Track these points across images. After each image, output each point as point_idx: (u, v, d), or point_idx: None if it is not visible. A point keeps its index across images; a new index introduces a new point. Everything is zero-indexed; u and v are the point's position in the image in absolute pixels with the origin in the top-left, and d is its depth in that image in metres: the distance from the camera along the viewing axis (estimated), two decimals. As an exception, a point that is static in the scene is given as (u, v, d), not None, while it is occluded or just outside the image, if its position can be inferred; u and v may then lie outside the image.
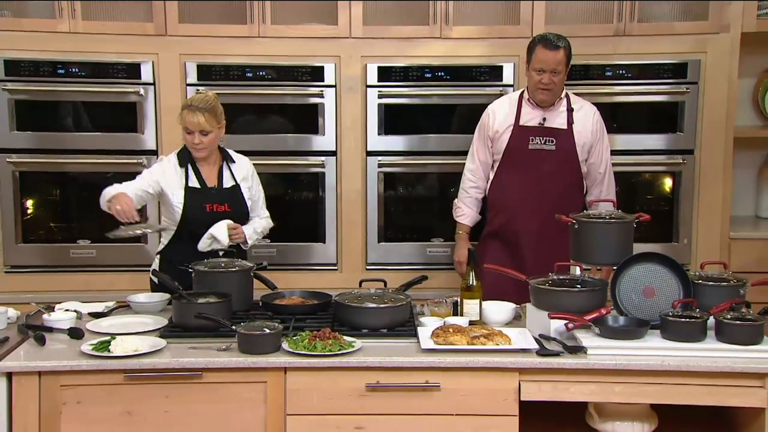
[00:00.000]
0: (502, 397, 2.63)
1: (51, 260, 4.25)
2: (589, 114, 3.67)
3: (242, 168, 3.47)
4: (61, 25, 4.12)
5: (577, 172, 3.64)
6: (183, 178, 3.34)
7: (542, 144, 3.60)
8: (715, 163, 4.26)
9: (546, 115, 3.62)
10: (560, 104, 3.63)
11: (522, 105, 3.65)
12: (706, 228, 4.29)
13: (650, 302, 2.80)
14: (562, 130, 3.61)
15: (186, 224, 3.33)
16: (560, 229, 3.37)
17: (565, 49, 3.51)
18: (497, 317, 2.97)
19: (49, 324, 2.91)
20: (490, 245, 3.73)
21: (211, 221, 3.29)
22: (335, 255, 4.32)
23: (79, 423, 2.63)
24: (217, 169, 3.42)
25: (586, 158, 3.66)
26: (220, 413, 2.66)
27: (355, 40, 4.20)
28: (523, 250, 3.63)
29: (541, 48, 3.51)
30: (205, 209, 3.32)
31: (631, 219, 2.97)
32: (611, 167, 3.73)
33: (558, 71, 3.51)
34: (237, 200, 3.41)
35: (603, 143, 3.69)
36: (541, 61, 3.51)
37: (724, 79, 4.21)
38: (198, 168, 3.38)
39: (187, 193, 3.33)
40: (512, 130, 3.63)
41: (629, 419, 2.70)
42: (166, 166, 3.38)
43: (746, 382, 2.59)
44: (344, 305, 2.92)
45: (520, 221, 3.63)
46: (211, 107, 3.30)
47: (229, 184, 3.41)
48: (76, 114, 4.24)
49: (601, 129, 3.69)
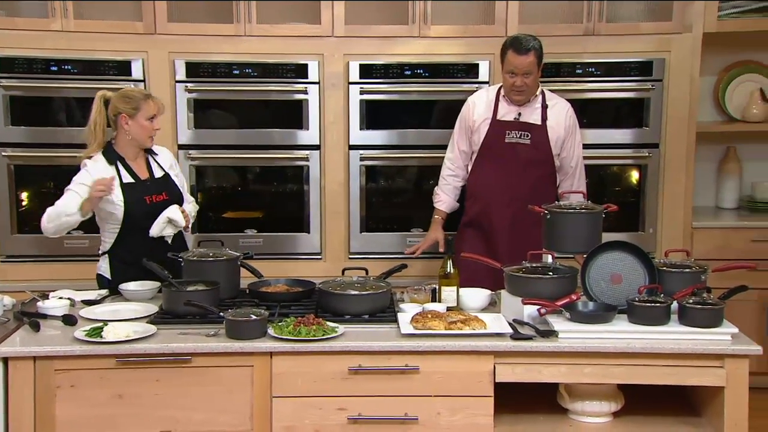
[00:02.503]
0: (477, 379, 2.63)
1: (45, 250, 4.20)
2: (563, 110, 3.66)
3: (166, 158, 3.41)
4: (54, 24, 4.07)
5: (550, 165, 3.65)
6: (115, 175, 3.21)
7: (518, 138, 3.60)
8: (678, 157, 4.28)
9: (521, 110, 3.62)
10: (535, 101, 3.62)
11: (499, 100, 3.64)
12: (670, 218, 4.31)
13: (618, 288, 2.81)
14: (537, 125, 3.61)
15: (130, 219, 3.23)
16: (533, 219, 3.38)
17: (534, 51, 3.49)
18: (473, 303, 2.97)
19: (44, 311, 2.89)
20: (466, 233, 3.73)
21: (152, 212, 3.24)
22: (319, 244, 4.30)
23: (73, 405, 2.61)
24: (144, 161, 3.34)
25: (559, 152, 3.66)
26: (209, 396, 2.64)
27: (338, 38, 4.18)
28: (497, 238, 3.63)
29: (511, 53, 3.49)
30: (146, 202, 3.24)
31: (600, 209, 2.98)
32: (582, 161, 3.74)
33: (529, 73, 3.50)
34: (171, 188, 3.35)
35: (575, 138, 3.69)
36: (512, 65, 3.49)
37: (687, 77, 4.23)
38: (127, 163, 3.28)
39: (125, 189, 3.22)
40: (490, 123, 3.63)
41: (597, 399, 2.72)
42: (97, 168, 3.21)
43: (707, 362, 2.61)
44: (327, 292, 2.91)
45: (494, 211, 3.63)
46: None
47: (159, 174, 3.35)
48: (68, 109, 4.20)
49: (574, 125, 3.69)
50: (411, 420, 2.64)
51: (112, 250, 3.32)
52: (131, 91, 3.31)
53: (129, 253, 3.22)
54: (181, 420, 2.64)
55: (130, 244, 3.26)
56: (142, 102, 3.23)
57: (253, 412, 2.64)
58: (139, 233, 3.24)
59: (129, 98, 3.25)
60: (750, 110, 4.56)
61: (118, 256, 3.30)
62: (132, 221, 3.24)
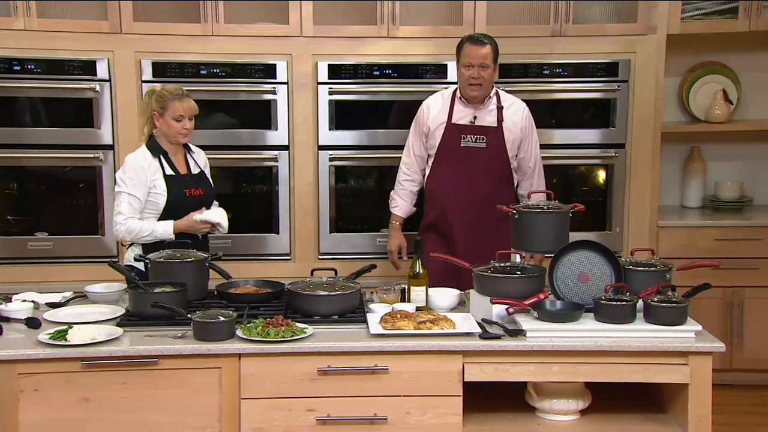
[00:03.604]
0: (446, 378, 2.64)
1: (9, 252, 4.13)
2: (519, 111, 3.65)
3: (201, 157, 3.51)
4: (17, 23, 4.00)
5: (506, 167, 3.63)
6: (159, 167, 3.32)
7: (473, 142, 3.58)
8: (644, 157, 4.33)
9: (476, 113, 3.59)
10: (490, 102, 3.60)
11: (455, 103, 3.62)
12: (636, 217, 4.36)
13: (585, 287, 2.84)
14: (492, 128, 3.59)
15: (170, 210, 3.33)
16: (492, 222, 3.41)
17: (491, 45, 3.50)
18: (442, 303, 2.97)
19: (6, 314, 2.84)
20: (426, 237, 3.68)
21: (190, 205, 3.33)
22: (288, 245, 4.29)
23: (37, 410, 2.57)
24: (183, 157, 3.42)
25: (517, 153, 3.65)
26: (177, 398, 2.62)
27: (306, 38, 4.16)
28: (456, 241, 3.61)
29: (468, 44, 3.50)
30: (185, 194, 3.34)
31: (567, 209, 3.00)
32: (541, 160, 3.74)
33: (486, 65, 3.49)
34: (206, 185, 3.46)
35: (532, 138, 3.67)
36: (468, 56, 3.49)
37: (652, 78, 4.28)
38: (169, 157, 3.36)
39: (168, 180, 3.32)
40: (445, 127, 3.61)
41: (565, 397, 2.74)
42: (141, 160, 3.31)
43: (671, 360, 2.65)
44: (297, 293, 2.90)
45: (453, 214, 3.61)
46: (189, 94, 3.35)
47: (196, 171, 3.44)
48: (33, 110, 4.13)
49: (530, 125, 3.67)
50: (380, 420, 2.64)
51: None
52: (165, 90, 3.34)
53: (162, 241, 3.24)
54: (148, 423, 2.61)
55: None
56: (169, 102, 3.29)
57: (221, 414, 2.62)
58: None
59: (160, 97, 3.30)
60: (713, 111, 4.62)
61: (151, 243, 3.29)
62: (171, 210, 3.32)
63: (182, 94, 3.33)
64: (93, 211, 4.14)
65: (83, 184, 4.18)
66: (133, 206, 3.27)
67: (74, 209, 4.20)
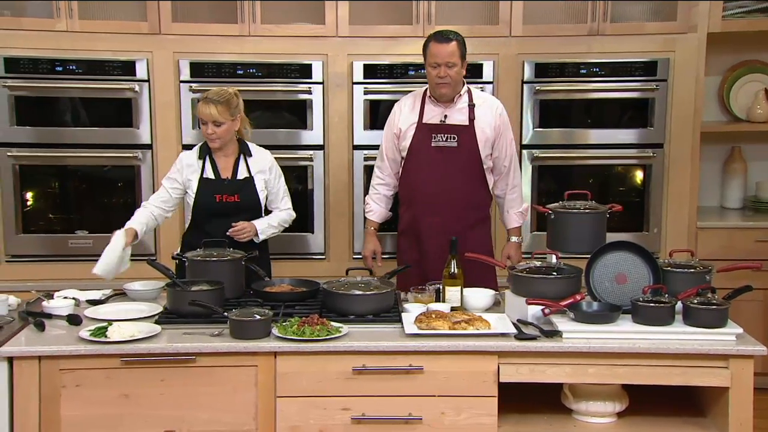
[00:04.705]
0: (481, 379, 2.63)
1: (50, 250, 4.21)
2: (491, 109, 3.51)
3: (260, 161, 3.44)
4: (59, 24, 4.08)
5: (479, 168, 3.49)
6: (200, 169, 3.37)
7: (444, 141, 3.46)
8: (683, 157, 4.27)
9: (447, 112, 3.49)
10: (460, 100, 3.49)
11: (425, 103, 3.52)
12: (674, 218, 4.31)
13: (622, 288, 2.81)
14: (464, 126, 3.48)
15: (197, 212, 3.39)
16: (465, 225, 3.37)
17: (457, 41, 3.38)
18: (477, 303, 2.97)
19: (48, 311, 2.89)
20: (402, 241, 3.63)
21: (219, 210, 3.34)
22: (323, 245, 4.31)
23: (78, 405, 2.62)
24: (233, 161, 3.41)
25: (490, 152, 3.52)
26: (214, 396, 2.65)
27: (342, 39, 4.18)
28: (426, 244, 3.50)
29: (433, 43, 3.40)
30: (215, 199, 3.35)
31: (604, 210, 2.98)
32: (516, 159, 3.62)
33: (452, 63, 3.36)
34: (249, 192, 3.40)
35: (507, 137, 3.53)
36: (434, 55, 3.38)
37: (692, 77, 4.22)
38: (214, 159, 3.39)
39: (201, 183, 3.36)
40: (416, 127, 3.51)
41: (602, 399, 2.72)
42: (186, 158, 3.42)
43: (712, 363, 2.61)
44: (332, 293, 2.91)
45: (425, 217, 3.51)
46: (225, 100, 3.31)
47: (243, 176, 3.41)
48: (74, 109, 4.20)
49: (504, 123, 3.52)
50: (415, 420, 2.64)
51: (185, 236, 3.48)
52: (206, 93, 3.37)
53: (197, 240, 3.26)
54: (185, 419, 2.65)
55: (196, 235, 3.35)
56: (198, 104, 3.36)
57: (257, 412, 2.65)
58: (203, 226, 3.36)
59: (200, 100, 3.35)
60: (755, 110, 4.55)
61: (189, 242, 3.37)
62: (199, 214, 3.38)
63: (207, 98, 3.30)
64: (132, 209, 4.15)
65: (122, 183, 4.25)
66: (159, 195, 3.40)
67: (113, 208, 4.26)
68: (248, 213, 3.39)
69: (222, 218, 3.33)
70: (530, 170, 4.27)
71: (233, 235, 3.30)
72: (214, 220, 3.34)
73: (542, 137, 4.28)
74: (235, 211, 3.36)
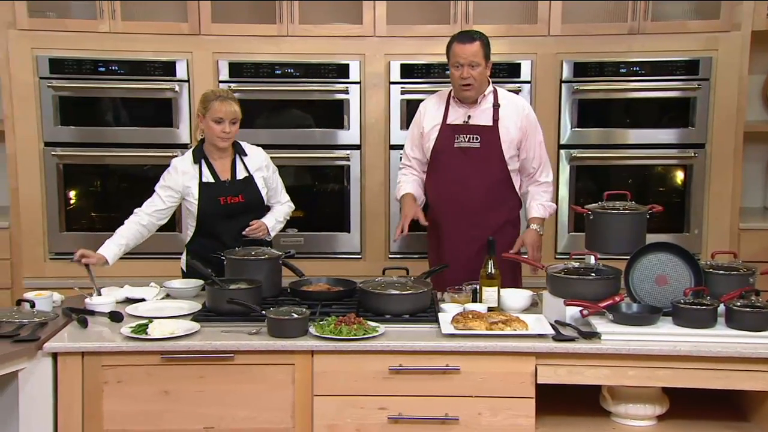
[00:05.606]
0: (519, 380, 2.61)
1: (92, 248, 4.23)
2: (517, 109, 3.42)
3: (255, 159, 3.42)
4: (102, 26, 4.15)
5: (503, 169, 3.41)
6: (197, 174, 3.32)
7: (467, 141, 3.40)
8: (725, 157, 4.20)
9: (470, 112, 3.43)
10: (485, 101, 3.41)
11: (450, 104, 3.47)
12: (716, 219, 4.24)
13: (662, 290, 2.77)
14: (487, 127, 3.39)
15: (203, 218, 3.32)
16: (486, 225, 3.32)
17: (481, 41, 3.32)
18: (515, 304, 2.95)
19: (91, 308, 2.94)
20: (431, 241, 3.59)
21: (225, 213, 3.30)
22: (359, 244, 4.32)
23: (120, 400, 2.66)
24: (230, 162, 3.38)
25: (517, 153, 3.43)
26: (251, 393, 2.67)
27: (379, 38, 4.19)
28: (446, 245, 3.46)
29: (456, 42, 3.33)
30: (219, 202, 3.30)
31: (644, 210, 2.94)
32: (548, 162, 3.51)
33: (475, 64, 3.30)
34: (251, 191, 3.37)
35: (535, 138, 3.44)
36: (457, 55, 3.31)
37: (735, 76, 4.15)
38: (211, 163, 3.34)
39: (201, 188, 3.31)
40: (440, 128, 3.45)
41: (641, 402, 2.68)
42: (180, 165, 3.34)
43: (755, 366, 2.56)
44: (368, 292, 2.92)
45: (447, 217, 3.46)
46: (235, 98, 3.31)
47: (242, 176, 3.38)
48: (115, 109, 4.27)
49: (531, 123, 3.43)
50: (452, 420, 2.63)
51: (189, 245, 3.42)
52: (211, 91, 3.37)
53: (202, 249, 3.28)
54: (224, 417, 2.67)
55: (202, 242, 3.34)
56: (211, 102, 3.28)
57: (294, 410, 2.66)
58: (210, 232, 3.33)
59: (205, 97, 3.32)
60: (800, 109, 4.46)
61: (193, 251, 3.36)
62: (205, 219, 3.32)
63: (225, 96, 3.28)
64: (171, 208, 4.26)
65: (161, 183, 4.31)
66: (153, 204, 3.29)
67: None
68: (254, 211, 3.38)
69: (229, 220, 3.31)
70: (568, 170, 4.24)
71: (250, 234, 3.29)
72: (222, 222, 3.31)
73: (580, 137, 4.24)
74: (241, 211, 3.34)
